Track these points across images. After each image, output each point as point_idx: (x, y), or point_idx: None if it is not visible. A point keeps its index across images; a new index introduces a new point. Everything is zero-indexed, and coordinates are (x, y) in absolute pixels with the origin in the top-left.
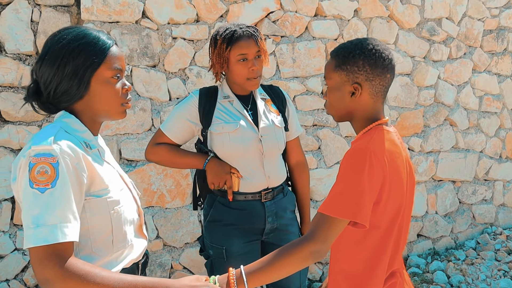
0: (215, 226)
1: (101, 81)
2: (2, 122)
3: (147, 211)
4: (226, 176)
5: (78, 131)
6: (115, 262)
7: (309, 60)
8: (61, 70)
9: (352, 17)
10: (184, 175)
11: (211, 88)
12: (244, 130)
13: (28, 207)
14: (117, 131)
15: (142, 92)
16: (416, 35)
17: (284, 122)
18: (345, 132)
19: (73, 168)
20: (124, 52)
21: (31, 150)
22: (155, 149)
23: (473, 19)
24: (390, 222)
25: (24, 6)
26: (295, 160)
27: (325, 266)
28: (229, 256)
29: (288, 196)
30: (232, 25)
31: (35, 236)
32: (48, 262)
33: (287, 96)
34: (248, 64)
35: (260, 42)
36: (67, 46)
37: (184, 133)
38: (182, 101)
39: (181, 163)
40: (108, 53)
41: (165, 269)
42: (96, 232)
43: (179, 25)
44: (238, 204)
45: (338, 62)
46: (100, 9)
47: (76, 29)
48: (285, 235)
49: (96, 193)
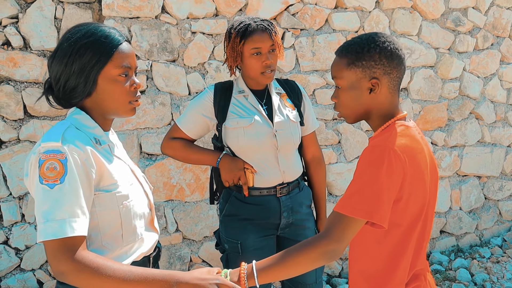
0: (231, 220)
1: (108, 79)
2: (27, 117)
3: (166, 205)
4: (240, 172)
5: (88, 127)
6: (125, 256)
7: (329, 53)
8: (68, 68)
9: (374, 8)
10: (204, 169)
11: (226, 83)
12: (258, 125)
13: (38, 203)
14: (138, 125)
15: (161, 86)
16: (440, 26)
17: (299, 116)
18: (366, 126)
19: (82, 163)
20: (144, 47)
21: (41, 147)
22: (170, 143)
23: (501, 8)
24: (413, 221)
25: (48, 3)
26: (311, 155)
27: (345, 262)
28: (244, 250)
29: (304, 191)
30: (246, 18)
31: (45, 230)
32: (62, 255)
33: (303, 90)
34: (262, 58)
35: (275, 36)
36: (74, 44)
37: (199, 128)
38: (197, 96)
39: (194, 159)
40: (115, 51)
41: (184, 262)
42: (105, 226)
43: (198, 19)
44: (253, 199)
45: (351, 59)
46: (120, 5)
47: (88, 26)
48: (301, 230)
49: (105, 188)
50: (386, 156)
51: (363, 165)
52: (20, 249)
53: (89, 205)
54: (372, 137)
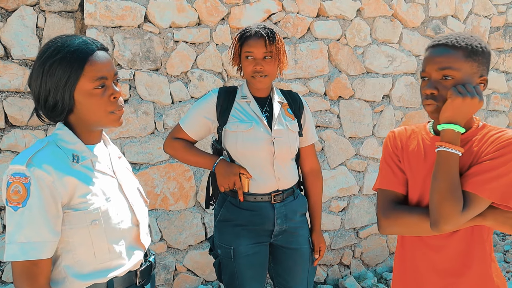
0: (225, 226)
1: (84, 93)
2: (9, 127)
3: (150, 214)
4: (235, 177)
5: (69, 142)
6: (105, 271)
7: (312, 61)
8: (43, 88)
9: (355, 17)
10: (187, 177)
11: (230, 88)
12: (257, 130)
13: (7, 223)
14: (121, 134)
15: (144, 95)
16: (420, 33)
17: (299, 127)
18: (349, 133)
19: (48, 186)
20: (127, 56)
21: (9, 168)
22: (173, 143)
23: (479, 16)
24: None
25: (29, 12)
26: (309, 167)
27: (330, 268)
28: (237, 256)
29: (299, 199)
30: (254, 25)
31: (7, 252)
32: (22, 280)
33: (305, 103)
34: (253, 62)
35: (270, 44)
36: (44, 63)
37: (201, 129)
38: (201, 98)
39: (193, 161)
40: (86, 65)
41: (169, 271)
42: (76, 244)
43: (180, 28)
44: (248, 204)
45: (469, 52)
46: (103, 14)
47: (56, 42)
48: (294, 238)
49: (75, 207)
50: None
51: (506, 156)
52: (1, 261)
53: (58, 225)
54: (468, 134)
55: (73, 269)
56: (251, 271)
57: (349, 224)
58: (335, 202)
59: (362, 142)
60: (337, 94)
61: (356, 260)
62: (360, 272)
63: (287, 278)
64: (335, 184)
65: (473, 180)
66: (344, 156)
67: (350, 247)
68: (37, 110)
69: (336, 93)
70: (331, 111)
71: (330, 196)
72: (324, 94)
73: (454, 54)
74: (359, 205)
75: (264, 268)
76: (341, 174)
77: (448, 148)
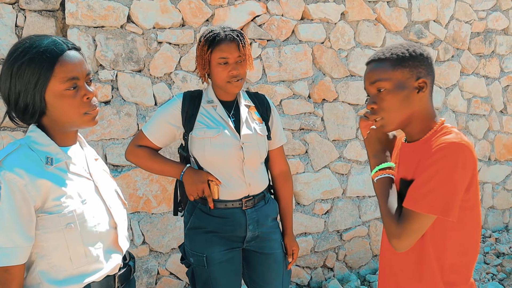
0: (196, 233)
1: (55, 95)
2: None
3: (133, 217)
4: (203, 185)
5: (42, 144)
6: (81, 276)
7: (296, 63)
8: (13, 90)
9: (339, 20)
10: (170, 180)
11: (195, 92)
12: (225, 136)
13: None
14: (103, 136)
15: (127, 97)
16: (403, 37)
17: (267, 130)
18: (333, 136)
19: (20, 190)
20: (109, 57)
21: None
22: (135, 150)
23: (460, 22)
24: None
25: (8, 11)
26: (278, 170)
27: (313, 271)
28: (210, 263)
29: (270, 203)
30: (217, 27)
31: None
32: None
33: (272, 104)
34: (228, 67)
35: (243, 47)
36: (12, 66)
37: (166, 136)
38: (165, 103)
39: (158, 170)
40: (56, 65)
41: (152, 275)
42: (51, 248)
43: (164, 29)
44: (218, 211)
45: (396, 60)
46: (85, 14)
47: (24, 43)
48: (267, 242)
49: (49, 210)
50: (461, 153)
51: (437, 164)
52: None
53: (32, 230)
54: (423, 140)
55: (48, 275)
56: (225, 277)
57: (332, 227)
58: (319, 205)
59: (345, 144)
60: (321, 97)
61: (340, 263)
62: (343, 275)
63: (262, 284)
64: (318, 187)
65: (411, 196)
66: (328, 159)
67: (334, 250)
68: (9, 113)
69: (320, 96)
70: (315, 113)
71: (314, 199)
72: (308, 96)
73: (381, 66)
74: (343, 207)
75: (239, 273)
76: (325, 176)
77: (377, 176)
